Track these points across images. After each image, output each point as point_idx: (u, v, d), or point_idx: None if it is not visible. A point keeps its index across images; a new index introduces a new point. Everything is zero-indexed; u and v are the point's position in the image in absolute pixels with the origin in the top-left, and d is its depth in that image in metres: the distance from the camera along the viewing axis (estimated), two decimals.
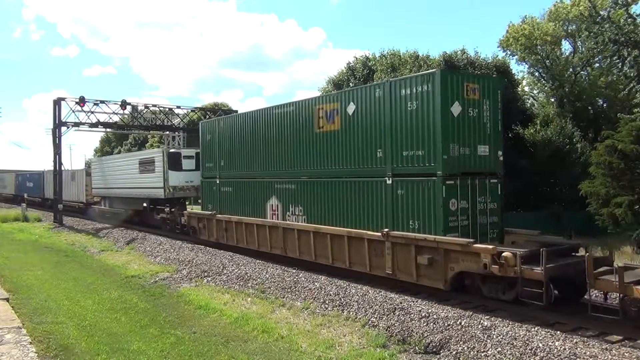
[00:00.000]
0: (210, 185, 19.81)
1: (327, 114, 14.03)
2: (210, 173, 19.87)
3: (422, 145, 11.38)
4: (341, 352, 9.13)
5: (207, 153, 20.15)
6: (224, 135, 18.94)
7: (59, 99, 32.18)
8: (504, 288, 10.27)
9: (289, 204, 15.59)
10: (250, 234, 17.15)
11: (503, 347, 8.46)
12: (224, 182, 18.93)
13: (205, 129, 20.45)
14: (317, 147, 14.44)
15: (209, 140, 19.94)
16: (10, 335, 7.74)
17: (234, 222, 17.97)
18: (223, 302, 12.70)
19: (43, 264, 18.82)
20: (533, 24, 32.70)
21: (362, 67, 24.64)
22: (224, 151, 18.88)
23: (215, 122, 19.86)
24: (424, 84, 11.28)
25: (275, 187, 16.15)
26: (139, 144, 55.31)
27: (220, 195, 19.09)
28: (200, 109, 40.92)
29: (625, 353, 7.78)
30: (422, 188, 11.41)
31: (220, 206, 19.08)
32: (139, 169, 26.51)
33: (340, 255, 13.47)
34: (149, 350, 9.28)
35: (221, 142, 19.12)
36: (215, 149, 19.46)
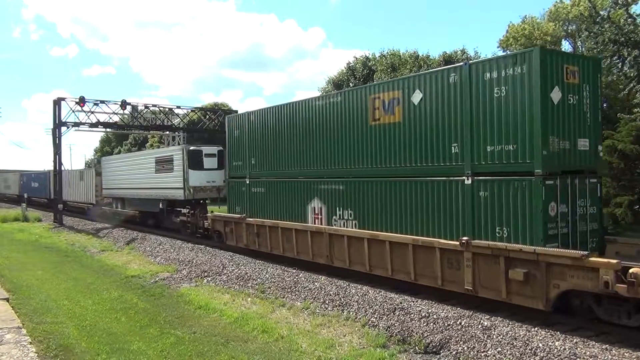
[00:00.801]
0: (239, 186, 17.98)
1: (385, 104, 12.29)
2: (238, 172, 18.10)
3: (514, 139, 9.63)
4: (341, 352, 9.13)
5: (235, 150, 18.27)
6: (255, 131, 17.12)
7: (59, 99, 32.17)
8: (629, 311, 8.51)
9: (335, 207, 13.87)
10: (287, 240, 15.36)
11: (503, 347, 8.46)
12: (255, 183, 17.12)
13: (232, 124, 18.56)
14: (372, 142, 12.72)
15: (237, 136, 18.06)
16: (10, 335, 7.74)
17: (268, 227, 16.13)
18: (223, 302, 12.70)
19: (43, 264, 18.83)
20: (533, 24, 32.75)
21: (362, 67, 24.67)
22: (255, 148, 17.10)
23: (245, 117, 17.86)
24: (516, 66, 9.59)
25: (319, 188, 14.42)
26: (139, 144, 55.35)
27: (251, 196, 17.27)
28: (200, 109, 40.89)
29: (625, 353, 7.78)
30: (513, 189, 9.63)
31: (250, 209, 17.28)
32: (155, 168, 24.83)
33: (402, 267, 11.73)
34: (149, 350, 9.29)
35: (252, 138, 17.31)
36: (245, 146, 17.65)
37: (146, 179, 25.70)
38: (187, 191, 22.19)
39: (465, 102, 10.49)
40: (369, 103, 12.78)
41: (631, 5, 18.92)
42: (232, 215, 18.20)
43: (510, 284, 9.54)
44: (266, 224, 16.21)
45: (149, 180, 25.43)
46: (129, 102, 33.85)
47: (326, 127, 14.18)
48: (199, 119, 39.44)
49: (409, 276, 11.57)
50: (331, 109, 14.01)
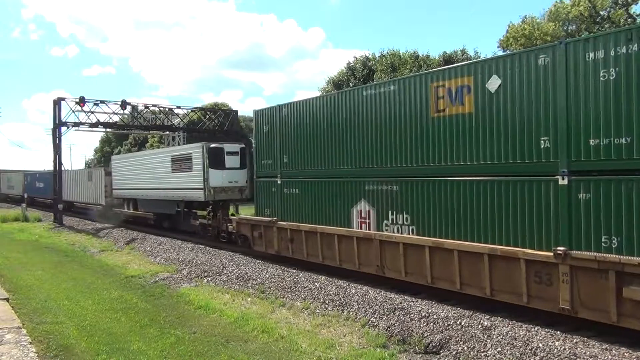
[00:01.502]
0: (268, 187, 16.43)
1: (452, 92, 10.85)
2: (268, 171, 16.56)
3: (627, 131, 8.16)
4: (341, 352, 9.13)
5: (264, 147, 16.70)
6: (289, 126, 15.56)
7: (58, 99, 32.19)
8: None
9: (386, 210, 12.34)
10: (328, 246, 13.85)
11: (503, 347, 8.46)
12: (288, 183, 15.58)
13: (261, 118, 16.92)
14: (434, 136, 11.23)
15: (267, 132, 16.51)
16: (10, 335, 7.74)
17: (304, 232, 14.56)
18: (223, 302, 12.70)
19: (43, 264, 18.83)
20: (533, 24, 32.73)
21: (362, 67, 24.68)
22: (289, 145, 15.56)
23: (277, 110, 16.19)
24: (631, 43, 8.10)
25: (366, 189, 12.91)
26: (139, 144, 55.39)
27: (283, 198, 15.73)
28: (200, 109, 40.93)
29: (625, 353, 7.78)
30: (626, 190, 8.15)
31: (282, 211, 15.75)
32: (171, 167, 23.17)
33: (474, 280, 10.21)
34: (149, 350, 9.29)
35: (284, 134, 15.74)
36: (276, 143, 16.10)
37: (161, 179, 24.11)
38: (208, 192, 20.60)
39: (559, 87, 9.03)
40: (431, 92, 11.25)
41: (631, 5, 18.95)
42: (262, 218, 16.54)
43: (624, 304, 8.07)
44: (302, 229, 14.65)
45: (164, 180, 23.82)
46: (129, 102, 33.93)
47: (376, 120, 12.62)
48: (199, 119, 39.48)
49: (483, 291, 10.01)
50: (382, 99, 12.46)
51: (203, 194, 20.67)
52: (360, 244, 12.90)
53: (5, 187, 57.35)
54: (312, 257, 14.52)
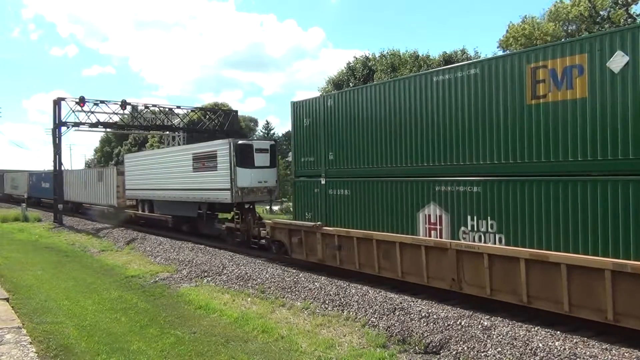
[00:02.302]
0: (309, 187, 14.92)
1: (556, 75, 9.32)
2: (309, 170, 15.01)
3: None
4: (341, 352, 9.13)
5: (305, 144, 15.11)
6: (336, 118, 13.97)
7: (58, 99, 32.21)
8: None
9: (464, 215, 10.81)
10: (386, 256, 12.01)
11: (503, 347, 8.46)
12: (335, 183, 14.01)
13: (300, 111, 15.30)
14: (530, 127, 9.71)
15: (308, 126, 14.93)
16: (10, 335, 7.74)
17: (356, 239, 12.70)
18: (223, 302, 12.70)
19: (43, 264, 18.83)
20: (533, 24, 32.74)
21: (362, 67, 24.68)
22: (336, 140, 14.02)
23: (320, 102, 14.60)
24: None
25: (436, 190, 11.37)
26: (139, 144, 55.39)
27: (328, 200, 14.18)
28: (200, 109, 40.95)
29: (625, 353, 7.78)
30: None
31: (327, 215, 14.20)
32: (192, 166, 21.41)
33: (590, 301, 8.46)
34: (149, 350, 9.29)
35: (330, 128, 14.17)
36: (319, 138, 14.53)
37: (181, 179, 22.31)
38: (235, 193, 18.85)
39: None
40: (527, 74, 9.77)
41: (631, 5, 18.96)
42: (302, 223, 14.73)
43: None
44: (353, 235, 12.83)
45: (185, 180, 22.04)
46: (129, 102, 33.93)
47: (450, 109, 11.01)
48: (199, 119, 39.48)
49: (603, 315, 8.35)
50: (460, 85, 10.88)
51: (230, 195, 18.95)
52: (430, 254, 10.94)
53: (9, 187, 55.77)
54: (365, 268, 12.59)
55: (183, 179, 22.07)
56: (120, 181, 28.90)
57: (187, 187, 21.84)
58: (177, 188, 22.64)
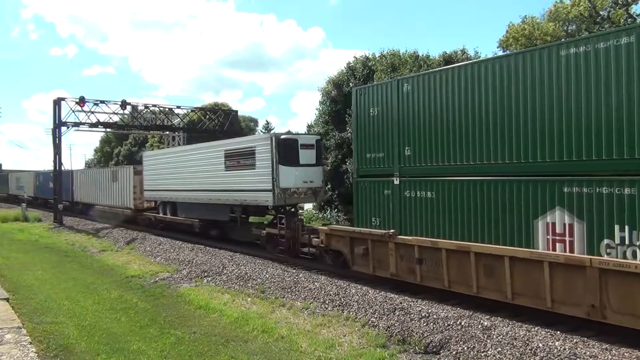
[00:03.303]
0: (377, 188, 12.70)
1: None
2: (376, 168, 12.84)
3: None
4: (341, 352, 9.13)
5: (371, 137, 12.93)
6: (416, 106, 11.79)
7: (59, 99, 32.26)
8: None
9: (609, 225, 8.57)
10: (489, 273, 9.95)
11: (503, 347, 8.47)
12: (414, 183, 11.81)
13: (364, 99, 13.14)
14: None
15: (376, 116, 12.76)
16: (10, 335, 7.73)
17: (445, 251, 10.69)
18: (223, 302, 12.70)
19: (43, 264, 18.84)
20: (533, 24, 32.70)
21: (362, 67, 24.65)
22: (415, 132, 11.81)
23: (393, 86, 12.37)
24: None
25: (565, 192, 9.12)
26: (139, 144, 55.38)
27: (405, 203, 11.99)
28: (200, 109, 40.94)
29: (625, 353, 7.78)
30: None
31: (403, 221, 12.00)
32: (225, 164, 19.21)
33: None
34: (149, 350, 9.29)
35: (407, 118, 11.97)
36: (391, 130, 12.35)
37: (211, 179, 20.10)
38: (278, 194, 16.61)
39: None
40: None
41: (631, 5, 18.97)
42: (371, 230, 12.60)
43: None
44: (441, 246, 10.78)
45: (215, 179, 19.83)
46: (129, 102, 33.96)
47: (588, 91, 8.87)
48: (199, 119, 39.49)
49: None
50: (603, 59, 8.70)
51: (271, 196, 16.66)
52: (557, 273, 8.94)
53: (14, 188, 53.21)
54: (458, 286, 10.60)
55: (213, 179, 19.95)
56: (137, 181, 26.82)
57: (217, 188, 19.69)
58: (205, 189, 20.47)
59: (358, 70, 24.53)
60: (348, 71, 25.20)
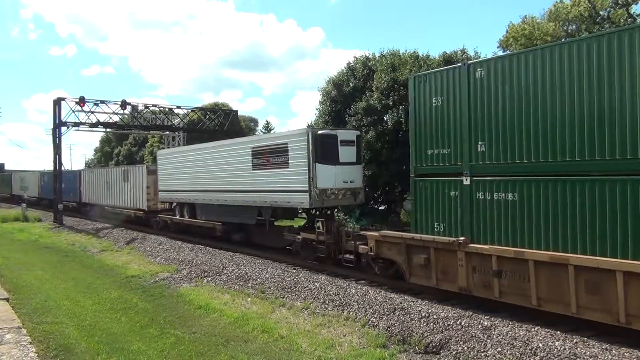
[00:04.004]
0: (441, 189, 11.20)
1: None
2: (440, 166, 11.28)
3: None
4: (341, 352, 9.14)
5: (433, 130, 11.40)
6: (492, 94, 10.24)
7: (58, 99, 32.25)
8: None
9: None
10: (594, 290, 8.61)
11: (503, 347, 8.47)
12: (490, 183, 10.26)
13: (424, 87, 11.62)
14: None
15: (440, 106, 11.26)
16: (10, 335, 7.74)
17: (533, 263, 9.31)
18: (223, 302, 12.70)
19: (43, 264, 18.84)
20: (533, 24, 32.71)
21: (362, 67, 24.62)
22: (491, 124, 10.26)
23: (462, 72, 10.83)
24: None
25: None
26: (139, 144, 55.34)
27: (477, 206, 10.45)
28: (200, 109, 40.92)
29: (625, 353, 7.78)
30: None
31: (475, 227, 10.49)
32: (252, 163, 17.62)
33: None
34: (149, 350, 9.29)
35: (481, 108, 10.45)
36: (460, 122, 10.81)
37: (236, 178, 18.52)
38: (315, 196, 15.11)
39: None
40: None
41: (631, 5, 18.96)
42: (434, 237, 11.13)
43: None
44: (528, 257, 9.38)
45: (241, 179, 18.25)
46: (129, 102, 33.92)
47: None
48: (199, 119, 39.47)
49: None
50: None
51: (307, 198, 15.15)
52: None
53: (18, 188, 51.40)
54: (550, 305, 9.20)
55: (238, 179, 18.35)
56: (151, 181, 25.42)
57: (243, 188, 18.13)
58: (230, 189, 18.91)
59: (358, 70, 24.51)
60: (348, 71, 25.17)
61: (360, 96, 22.70)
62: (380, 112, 21.15)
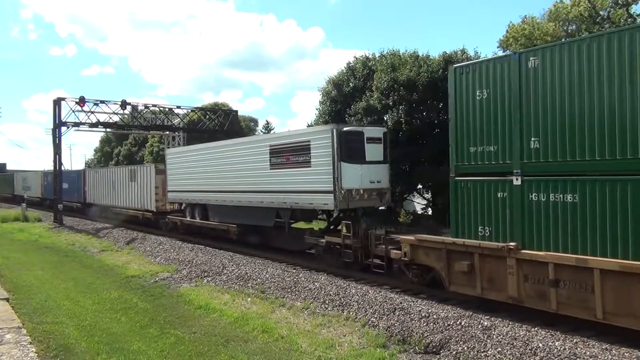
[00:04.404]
0: (486, 190, 10.28)
1: None
2: (484, 165, 10.36)
3: None
4: (341, 352, 9.14)
5: (477, 126, 10.47)
6: (548, 86, 9.29)
7: (59, 99, 32.26)
8: None
9: None
10: None
11: (503, 347, 8.47)
12: (544, 183, 9.31)
13: (467, 78, 10.67)
14: None
15: (485, 99, 10.32)
16: (10, 335, 7.74)
17: (599, 272, 8.44)
18: (223, 302, 12.71)
19: (43, 264, 18.84)
20: (533, 24, 32.70)
21: (362, 67, 24.63)
22: (544, 118, 9.34)
23: (512, 62, 9.92)
24: None
25: None
26: (139, 144, 55.34)
27: (529, 209, 9.53)
28: (200, 109, 40.92)
29: (626, 353, 7.78)
30: None
31: (527, 232, 9.54)
32: (270, 161, 16.81)
33: None
34: (149, 350, 9.30)
35: (534, 100, 9.49)
36: (509, 116, 9.87)
37: (253, 178, 17.65)
38: (340, 197, 14.28)
39: None
40: None
41: (631, 5, 18.97)
42: (481, 242, 10.20)
43: None
44: (592, 266, 8.51)
45: (257, 179, 17.41)
46: (128, 102, 33.91)
47: None
48: (199, 119, 39.47)
49: None
50: None
51: (332, 199, 14.31)
52: None
53: (20, 188, 50.25)
54: (619, 319, 8.32)
55: (255, 178, 17.49)
56: (159, 181, 24.59)
57: (260, 189, 17.27)
58: (245, 189, 18.05)
59: (358, 70, 24.52)
60: (348, 71, 25.18)
61: (360, 96, 22.70)
62: (380, 112, 21.14)
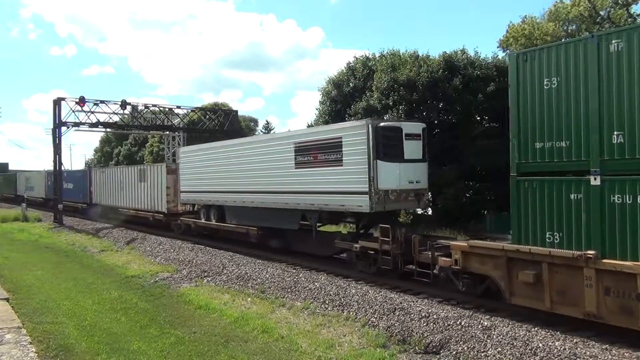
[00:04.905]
0: (556, 191, 9.08)
1: None
2: (552, 164, 9.24)
3: None
4: (341, 352, 9.14)
5: (543, 119, 9.34)
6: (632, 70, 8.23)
7: (58, 99, 32.26)
8: None
9: None
10: None
11: (503, 347, 8.47)
12: (630, 184, 8.23)
13: (532, 66, 9.52)
14: None
15: (555, 88, 9.16)
16: (10, 335, 7.74)
17: None
18: (223, 302, 12.71)
19: (43, 264, 18.84)
20: (533, 24, 32.71)
21: (362, 67, 24.66)
22: (630, 109, 8.26)
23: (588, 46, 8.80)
24: None
25: None
26: (139, 144, 55.35)
27: (610, 213, 8.41)
28: (200, 109, 40.93)
29: (625, 353, 7.78)
30: None
31: (607, 239, 8.44)
32: (295, 160, 15.57)
33: None
34: (149, 350, 9.30)
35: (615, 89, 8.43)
36: (583, 107, 8.78)
37: (275, 178, 16.39)
38: (377, 198, 13.06)
39: None
40: None
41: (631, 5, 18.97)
42: (551, 250, 8.99)
43: None
44: None
45: (281, 179, 16.14)
46: (128, 102, 33.92)
47: None
48: (199, 119, 39.48)
49: None
50: None
51: (367, 201, 13.10)
52: None
53: (23, 189, 48.97)
54: None
55: (278, 178, 16.26)
56: (171, 181, 23.56)
57: (284, 189, 16.02)
58: (267, 190, 16.78)
59: (358, 70, 24.55)
60: (348, 71, 25.22)
61: (360, 96, 22.73)
62: (380, 112, 21.16)
